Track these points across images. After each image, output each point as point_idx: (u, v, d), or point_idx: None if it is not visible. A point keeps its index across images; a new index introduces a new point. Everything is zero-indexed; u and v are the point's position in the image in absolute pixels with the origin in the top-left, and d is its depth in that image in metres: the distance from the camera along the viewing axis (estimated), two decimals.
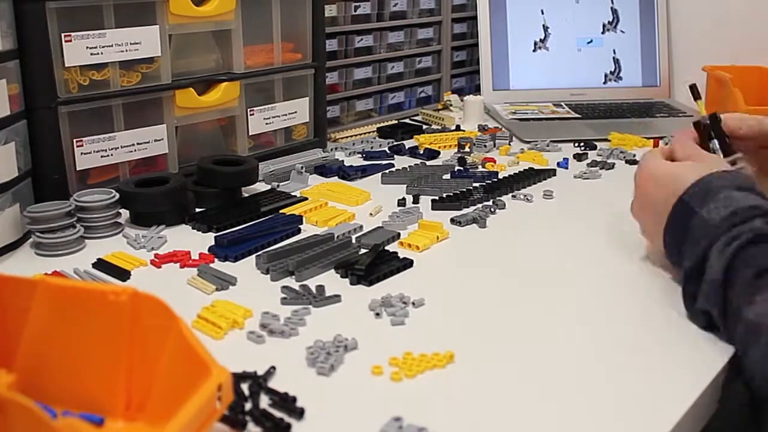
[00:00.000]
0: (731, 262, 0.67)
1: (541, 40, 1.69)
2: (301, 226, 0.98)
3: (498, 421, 0.59)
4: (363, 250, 0.89)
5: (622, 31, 1.71)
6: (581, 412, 0.61)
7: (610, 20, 1.71)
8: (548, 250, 0.92)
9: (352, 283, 0.82)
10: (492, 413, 0.60)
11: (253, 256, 0.88)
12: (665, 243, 0.79)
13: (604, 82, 1.70)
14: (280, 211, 1.02)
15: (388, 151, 1.32)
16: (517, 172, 1.17)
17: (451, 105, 1.65)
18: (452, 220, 0.99)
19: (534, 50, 1.69)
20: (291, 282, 0.82)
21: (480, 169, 1.22)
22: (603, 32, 1.71)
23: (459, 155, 1.25)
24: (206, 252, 0.89)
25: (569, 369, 0.67)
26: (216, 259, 0.88)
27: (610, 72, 1.70)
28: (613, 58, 1.71)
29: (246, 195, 1.09)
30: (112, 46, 1.01)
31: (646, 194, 0.83)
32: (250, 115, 1.20)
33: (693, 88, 0.93)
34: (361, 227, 0.97)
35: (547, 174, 1.18)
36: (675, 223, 0.77)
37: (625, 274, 0.85)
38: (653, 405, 0.61)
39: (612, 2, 1.71)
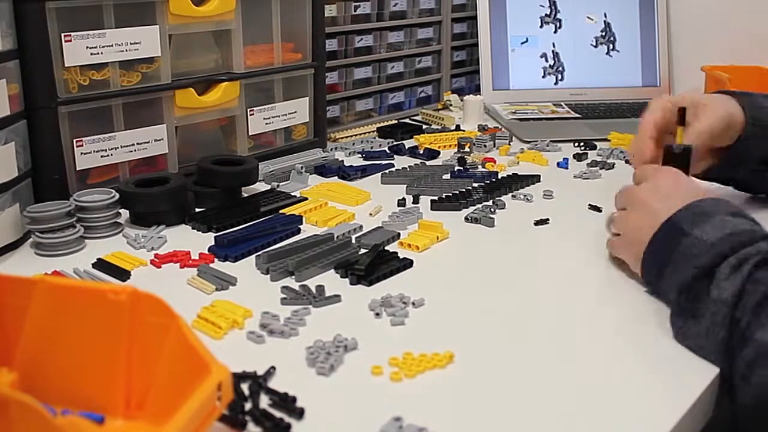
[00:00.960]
0: (743, 284, 0.65)
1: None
2: (301, 226, 0.98)
3: (498, 421, 0.59)
4: (363, 250, 0.89)
5: (611, 42, 1.71)
6: (581, 412, 0.61)
7: (602, 29, 1.72)
8: (548, 250, 0.92)
9: (352, 283, 0.82)
10: (492, 413, 0.60)
11: (253, 256, 0.88)
12: (643, 264, 0.77)
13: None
14: (280, 211, 1.02)
15: (388, 151, 1.32)
16: (504, 176, 1.17)
17: (451, 105, 1.65)
18: (466, 219, 1.00)
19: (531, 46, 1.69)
20: (291, 282, 0.82)
21: (480, 169, 1.22)
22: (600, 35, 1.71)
23: (459, 155, 1.25)
24: (206, 252, 0.89)
25: (569, 369, 0.67)
26: (216, 259, 0.88)
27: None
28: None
29: (246, 195, 1.09)
30: (112, 46, 1.01)
31: (631, 226, 0.80)
32: (250, 115, 1.20)
33: (681, 112, 0.91)
34: (361, 227, 0.97)
35: (532, 180, 1.16)
36: (660, 244, 0.75)
37: (625, 275, 0.85)
38: (653, 405, 0.61)
39: (605, 16, 1.71)
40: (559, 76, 1.70)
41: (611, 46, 1.71)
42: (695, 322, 0.68)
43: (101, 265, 0.86)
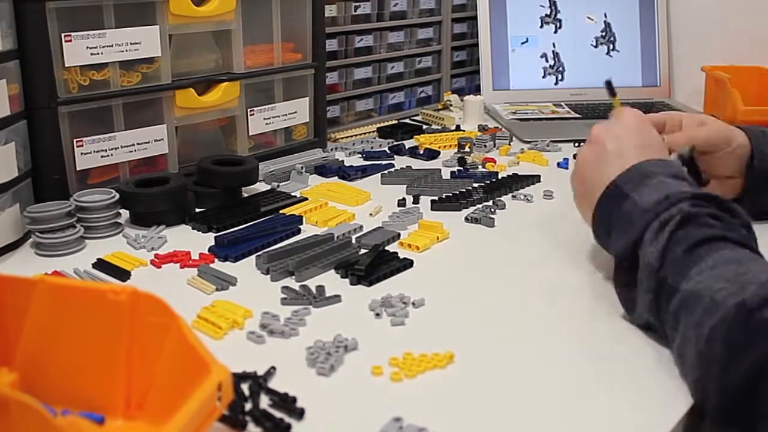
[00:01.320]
0: (666, 246, 0.67)
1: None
2: (301, 227, 0.98)
3: (498, 421, 0.59)
4: (363, 250, 0.89)
5: (611, 42, 1.71)
6: (581, 412, 0.61)
7: (602, 29, 1.72)
8: (548, 251, 0.92)
9: (352, 283, 0.82)
10: (492, 413, 0.60)
11: (253, 256, 0.88)
12: (594, 223, 0.79)
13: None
14: (280, 212, 1.02)
15: (388, 151, 1.32)
16: (504, 176, 1.17)
17: (451, 105, 1.65)
18: (467, 219, 1.00)
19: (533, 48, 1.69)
20: (291, 282, 0.82)
21: (480, 169, 1.22)
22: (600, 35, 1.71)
23: (459, 155, 1.25)
24: (206, 252, 0.89)
25: (569, 369, 0.67)
26: (216, 259, 0.88)
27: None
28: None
29: (246, 195, 1.09)
30: (112, 46, 1.01)
31: (587, 174, 0.82)
32: (250, 115, 1.20)
33: (608, 84, 0.91)
34: (361, 227, 0.97)
35: (532, 180, 1.16)
36: (605, 205, 0.77)
37: None
38: (653, 405, 0.61)
39: (605, 16, 1.71)
40: (560, 76, 1.70)
41: (611, 46, 1.71)
42: (632, 291, 0.71)
43: (101, 265, 0.86)
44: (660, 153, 0.80)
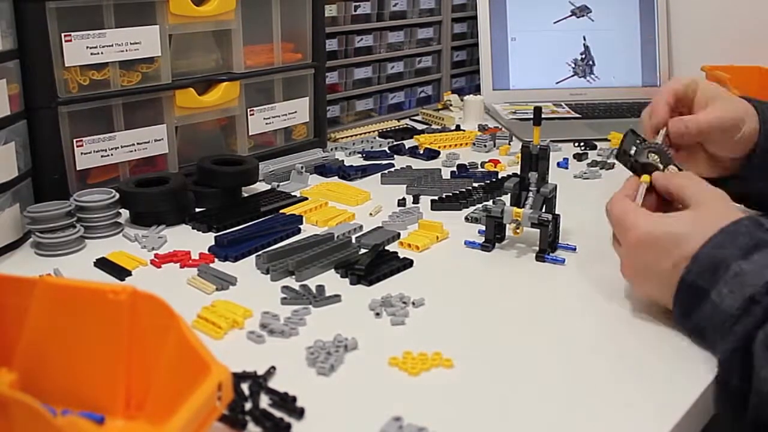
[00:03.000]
0: None
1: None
2: (301, 226, 0.98)
3: (498, 420, 0.59)
4: (363, 250, 0.89)
5: (611, 42, 1.72)
6: (581, 411, 0.61)
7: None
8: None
9: (352, 283, 0.82)
10: (492, 413, 0.60)
11: (253, 256, 0.88)
12: (678, 322, 0.71)
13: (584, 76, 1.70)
14: (280, 211, 1.02)
15: (388, 151, 1.32)
16: (504, 176, 1.15)
17: (451, 105, 1.65)
18: (466, 219, 1.00)
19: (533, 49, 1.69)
20: (291, 282, 0.82)
21: (480, 169, 1.22)
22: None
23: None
24: (206, 252, 0.89)
25: (569, 368, 0.67)
26: (216, 259, 0.88)
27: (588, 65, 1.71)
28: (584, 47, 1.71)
29: (246, 195, 1.09)
30: (112, 46, 1.01)
31: (643, 261, 0.72)
32: (250, 115, 1.20)
33: (537, 111, 0.89)
34: (361, 227, 0.97)
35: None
36: (685, 304, 0.68)
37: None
38: (653, 405, 0.61)
39: (606, 16, 1.72)
40: (560, 76, 1.70)
41: (612, 47, 1.71)
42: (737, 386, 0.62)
43: (101, 265, 0.86)
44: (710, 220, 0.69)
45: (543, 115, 0.92)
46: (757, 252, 0.65)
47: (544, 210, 0.88)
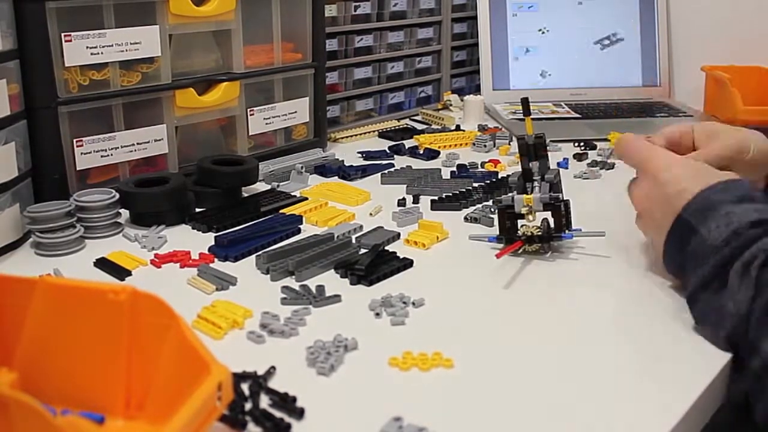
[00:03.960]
0: (749, 295, 0.64)
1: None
2: (301, 226, 0.98)
3: (498, 420, 0.59)
4: (363, 250, 0.89)
5: (621, 39, 1.72)
6: (581, 411, 0.61)
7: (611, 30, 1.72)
8: None
9: (352, 283, 0.82)
10: (492, 413, 0.60)
11: (253, 256, 0.88)
12: (664, 258, 0.78)
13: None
14: (280, 211, 1.02)
15: (388, 151, 1.32)
16: (504, 176, 1.16)
17: (451, 105, 1.65)
18: (466, 219, 1.00)
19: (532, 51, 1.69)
20: (291, 282, 0.82)
21: (480, 169, 1.22)
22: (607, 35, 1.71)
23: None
24: (206, 252, 0.89)
25: (569, 368, 0.66)
26: (216, 259, 0.88)
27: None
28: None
29: (246, 195, 1.09)
30: (112, 46, 1.01)
31: (657, 189, 0.79)
32: (250, 115, 1.20)
33: (525, 102, 0.90)
34: (361, 227, 0.97)
35: None
36: (675, 241, 0.75)
37: (625, 274, 0.85)
38: (653, 406, 0.61)
39: (606, 17, 1.72)
40: (560, 76, 1.70)
41: (612, 47, 1.71)
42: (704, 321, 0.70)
43: (101, 265, 0.86)
44: (713, 173, 0.77)
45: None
46: (749, 202, 0.72)
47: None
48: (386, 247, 0.90)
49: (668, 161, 0.80)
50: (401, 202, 1.06)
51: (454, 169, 1.21)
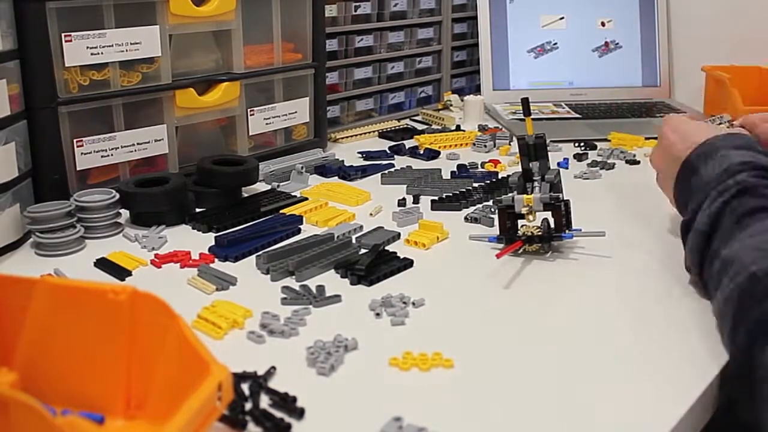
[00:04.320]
0: (717, 215, 0.73)
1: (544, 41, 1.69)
2: (301, 226, 0.98)
3: (498, 421, 0.59)
4: (363, 251, 0.89)
5: (611, 42, 1.71)
6: (581, 411, 0.61)
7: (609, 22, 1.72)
8: None
9: (352, 283, 0.82)
10: (492, 413, 0.60)
11: (253, 256, 0.88)
12: (675, 201, 0.86)
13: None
14: (280, 211, 1.02)
15: (388, 151, 1.32)
16: (504, 176, 1.16)
17: (451, 105, 1.65)
18: (466, 219, 1.01)
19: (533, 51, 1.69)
20: (291, 282, 0.82)
21: (480, 169, 1.22)
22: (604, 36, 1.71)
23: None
24: (206, 252, 0.89)
25: (569, 368, 0.67)
26: (216, 259, 0.88)
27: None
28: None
29: (246, 195, 1.09)
30: (112, 46, 1.01)
31: (668, 146, 0.88)
32: (250, 115, 1.20)
33: (525, 102, 0.90)
34: (361, 227, 0.97)
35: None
36: (681, 179, 0.83)
37: (625, 274, 0.85)
38: (653, 406, 0.61)
39: (606, 16, 1.72)
40: (560, 77, 1.70)
41: (612, 47, 1.71)
42: (690, 256, 0.77)
43: (102, 265, 0.86)
44: (720, 129, 0.86)
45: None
46: (746, 150, 0.79)
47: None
48: (386, 247, 0.90)
49: (678, 122, 0.89)
50: (401, 202, 1.06)
51: (454, 169, 1.21)
